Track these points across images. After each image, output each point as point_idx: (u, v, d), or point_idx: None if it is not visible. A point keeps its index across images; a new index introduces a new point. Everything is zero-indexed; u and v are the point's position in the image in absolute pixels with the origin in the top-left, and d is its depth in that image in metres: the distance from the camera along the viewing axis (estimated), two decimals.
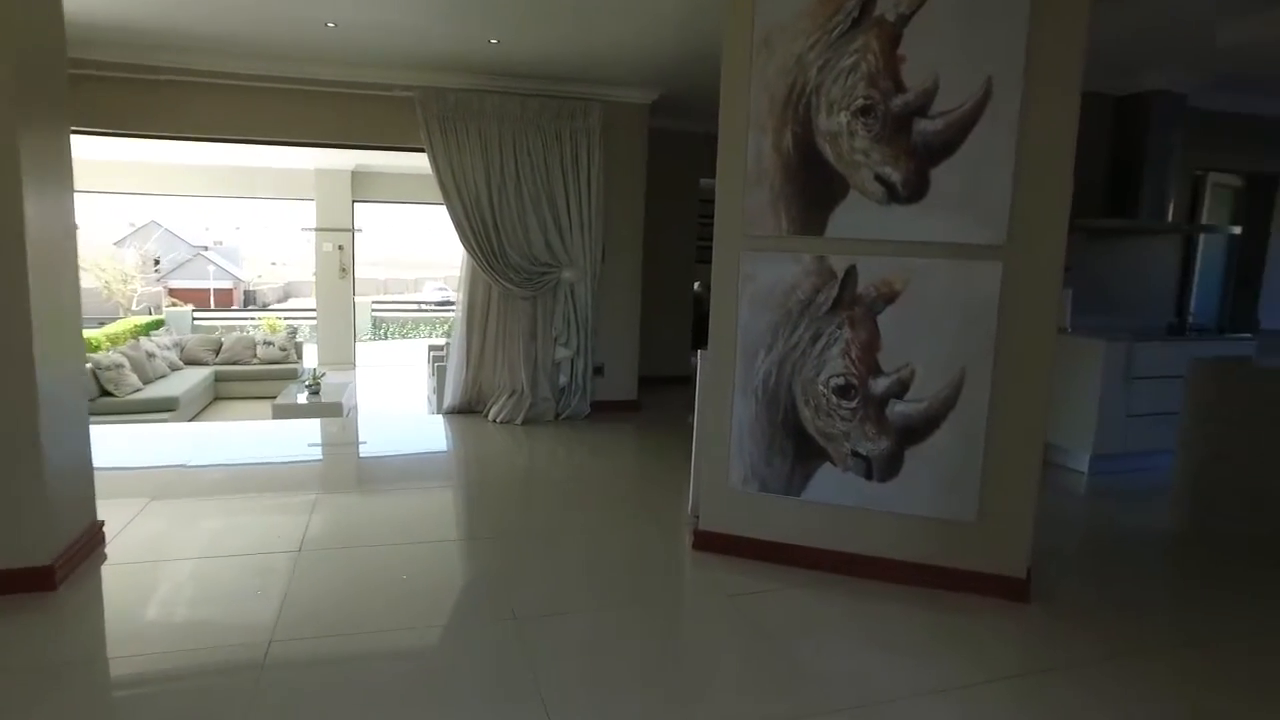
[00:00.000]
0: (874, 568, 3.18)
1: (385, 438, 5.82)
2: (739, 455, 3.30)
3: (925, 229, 2.95)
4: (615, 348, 6.29)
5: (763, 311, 3.17)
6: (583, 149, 5.77)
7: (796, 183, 3.08)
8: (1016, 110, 2.82)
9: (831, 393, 3.11)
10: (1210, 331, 5.48)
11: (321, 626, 2.69)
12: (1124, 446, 4.94)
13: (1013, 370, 2.94)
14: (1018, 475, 2.99)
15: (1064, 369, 4.96)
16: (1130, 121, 5.27)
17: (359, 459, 5.16)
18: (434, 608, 2.87)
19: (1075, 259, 5.33)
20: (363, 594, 2.96)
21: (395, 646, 2.60)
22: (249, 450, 5.25)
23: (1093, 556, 3.65)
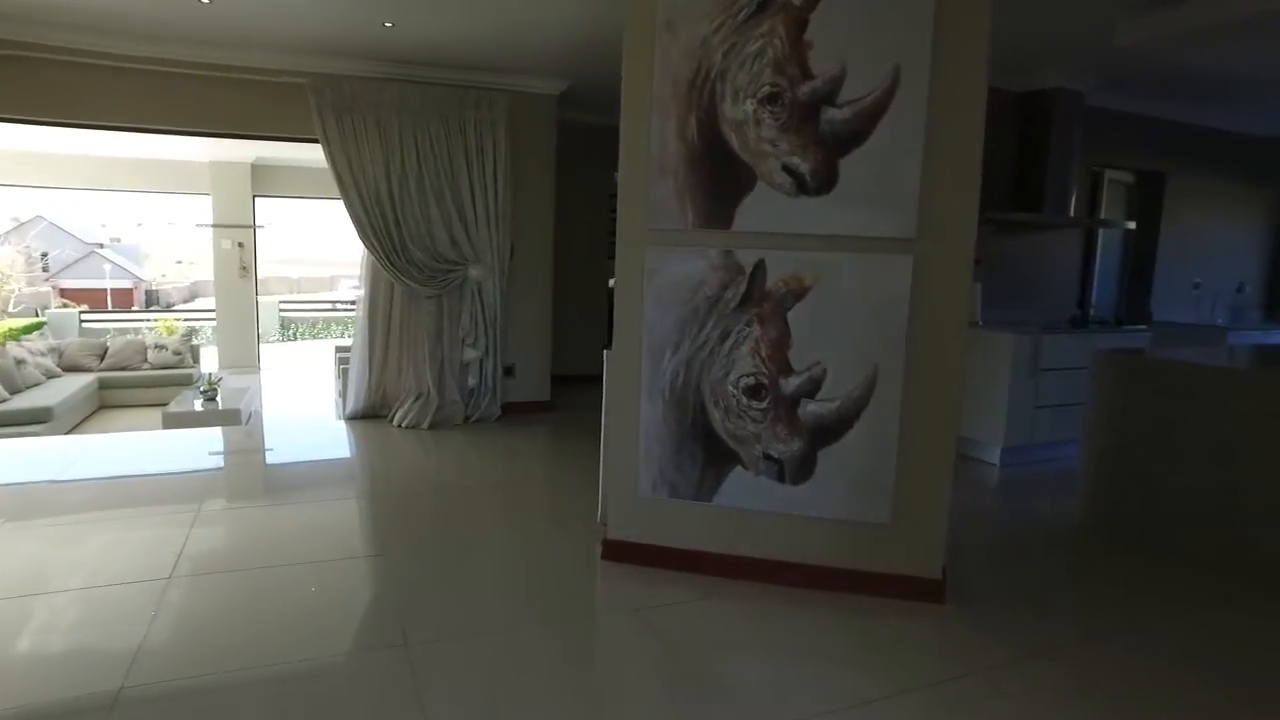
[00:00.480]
0: (789, 573, 3.07)
1: (283, 446, 5.46)
2: (647, 460, 3.15)
3: (835, 222, 2.84)
4: (526, 347, 6.08)
5: (669, 309, 3.02)
6: (488, 141, 5.53)
7: (702, 173, 2.94)
8: (925, 100, 2.74)
9: (741, 393, 2.99)
10: (1109, 323, 5.62)
11: (182, 665, 2.41)
12: (1033, 438, 5.01)
13: (925, 367, 2.87)
14: (931, 474, 2.92)
15: (975, 362, 4.99)
16: (1033, 118, 5.34)
17: (251, 470, 4.81)
18: (315, 637, 2.62)
19: (984, 252, 5.38)
20: (236, 624, 2.68)
21: (263, 685, 2.35)
22: (128, 463, 4.84)
23: (1005, 551, 3.64)
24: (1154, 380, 3.64)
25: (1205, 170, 6.52)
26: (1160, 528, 3.60)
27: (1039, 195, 5.31)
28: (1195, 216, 6.55)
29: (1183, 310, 6.59)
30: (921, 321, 2.84)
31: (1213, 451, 3.40)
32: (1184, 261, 6.56)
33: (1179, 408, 3.53)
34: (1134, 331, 5.42)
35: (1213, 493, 3.41)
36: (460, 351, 5.71)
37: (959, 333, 2.85)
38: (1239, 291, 6.96)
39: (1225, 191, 6.72)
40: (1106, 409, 3.84)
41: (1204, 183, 6.55)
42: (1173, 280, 6.52)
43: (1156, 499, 3.62)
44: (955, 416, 2.91)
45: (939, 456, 2.92)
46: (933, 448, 2.91)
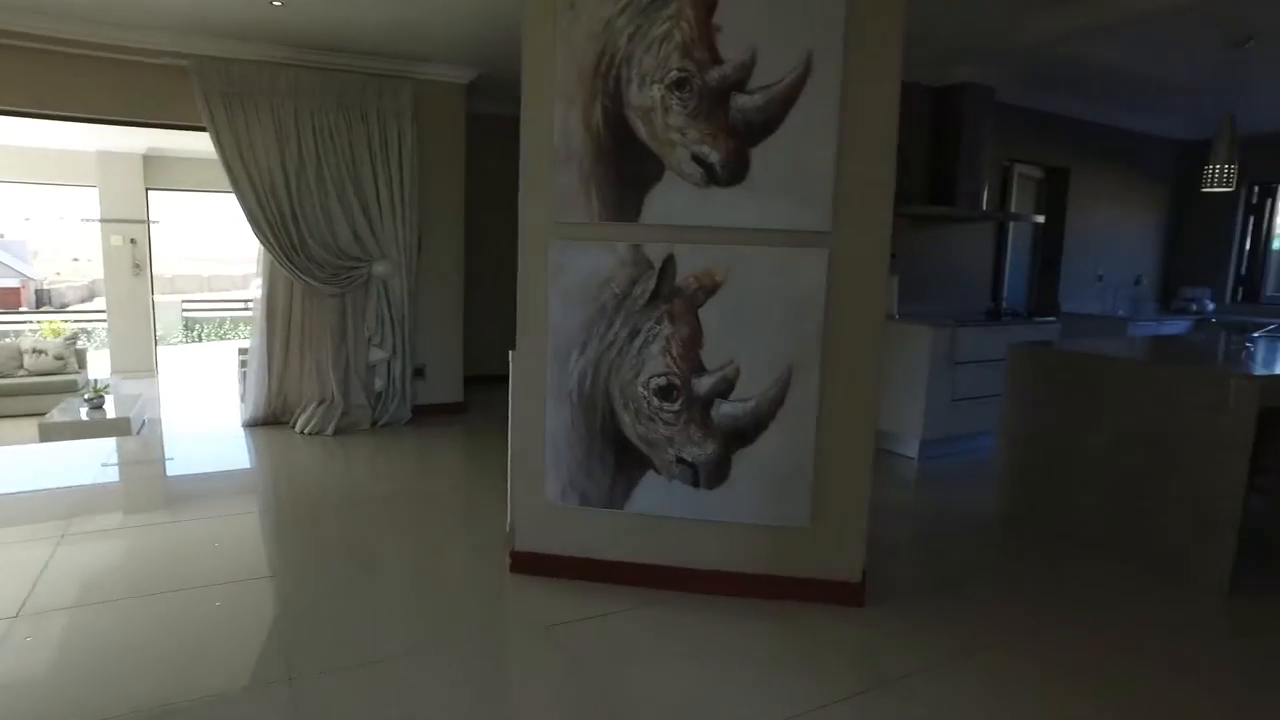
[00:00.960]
0: (706, 581, 2.95)
1: (176, 457, 5.07)
2: (555, 467, 2.97)
3: (747, 214, 2.72)
4: (437, 346, 5.82)
5: (575, 307, 2.85)
6: (393, 131, 5.25)
7: (608, 163, 2.78)
8: (838, 87, 2.64)
9: (652, 394, 2.84)
10: (1021, 316, 5.70)
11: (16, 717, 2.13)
12: (950, 430, 5.03)
13: (842, 364, 2.77)
14: (850, 475, 2.84)
15: (892, 355, 4.98)
16: (947, 113, 5.36)
17: (136, 485, 4.44)
18: (177, 679, 2.35)
19: (900, 246, 5.38)
20: (96, 666, 2.40)
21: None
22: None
23: (925, 547, 3.60)
24: (1064, 372, 3.65)
25: (1107, 167, 6.71)
26: (1074, 518, 3.62)
27: (952, 189, 5.33)
28: (1098, 211, 6.72)
29: (1088, 302, 6.76)
30: (837, 317, 2.75)
31: (1119, 442, 3.43)
32: (1088, 255, 6.74)
33: (1088, 399, 3.54)
34: (1044, 323, 5.50)
35: (1120, 482, 3.43)
36: (366, 353, 5.42)
37: (876, 328, 2.76)
38: (1137, 284, 7.19)
39: (1125, 188, 6.92)
40: (1020, 401, 3.84)
41: (1105, 179, 6.73)
42: (1078, 273, 6.69)
43: (1069, 490, 3.64)
44: (874, 414, 2.83)
45: (858, 456, 2.83)
46: (851, 447, 2.83)
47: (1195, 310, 6.94)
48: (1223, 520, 3.10)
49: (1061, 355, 3.69)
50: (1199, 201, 7.14)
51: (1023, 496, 3.85)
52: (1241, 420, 3.04)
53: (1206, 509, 3.15)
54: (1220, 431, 3.10)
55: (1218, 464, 3.11)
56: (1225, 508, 3.09)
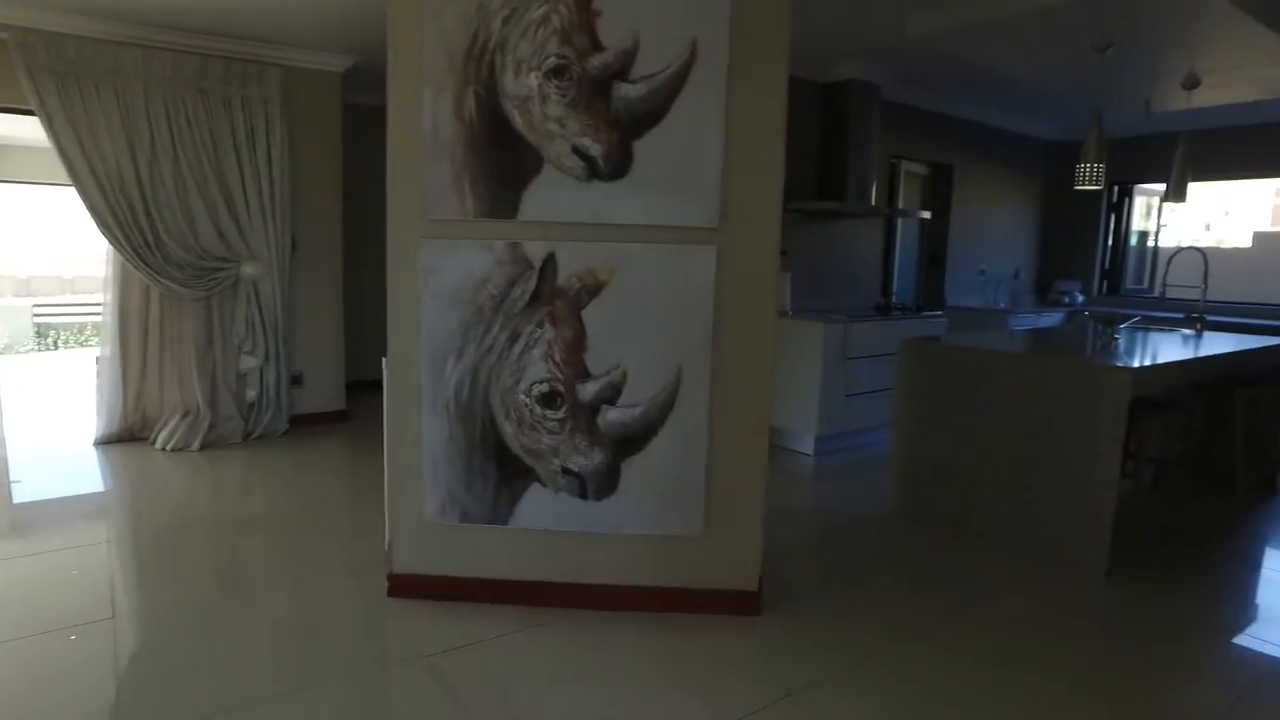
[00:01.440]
0: (598, 597, 2.80)
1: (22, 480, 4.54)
2: (433, 481, 2.77)
3: (631, 210, 2.59)
4: (316, 352, 5.46)
5: (450, 310, 2.65)
6: (259, 121, 4.88)
7: (484, 156, 2.59)
8: (724, 78, 2.53)
9: (535, 402, 2.67)
10: (910, 310, 5.80)
11: None
12: (845, 425, 5.05)
13: (733, 365, 2.68)
14: (744, 480, 2.75)
15: (786, 352, 4.96)
16: (834, 108, 5.39)
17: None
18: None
19: (792, 242, 5.38)
20: None
21: None
22: None
23: (821, 548, 3.57)
24: (952, 367, 3.68)
25: (987, 165, 6.93)
26: (966, 512, 3.66)
27: (842, 185, 5.37)
28: (979, 208, 6.94)
29: (971, 295, 6.98)
30: (728, 317, 2.64)
31: (1006, 434, 3.48)
32: (971, 250, 6.95)
33: (975, 393, 3.58)
34: (932, 317, 5.62)
35: (1008, 475, 3.49)
36: (236, 360, 5.02)
37: (768, 327, 2.68)
38: (1015, 278, 7.47)
39: (1003, 185, 7.18)
40: (911, 396, 3.86)
41: (986, 176, 6.96)
42: (962, 267, 6.89)
43: (960, 483, 3.68)
44: (767, 416, 2.75)
45: (751, 460, 2.75)
46: (745, 451, 2.73)
47: (1068, 302, 7.26)
48: (1101, 509, 3.18)
49: (949, 350, 3.72)
50: (1068, 199, 7.48)
51: (916, 491, 3.87)
52: (1116, 411, 3.12)
53: (1086, 498, 3.22)
54: (1097, 422, 3.17)
55: (1095, 454, 3.18)
56: (1103, 496, 3.17)
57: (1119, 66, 4.56)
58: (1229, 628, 2.89)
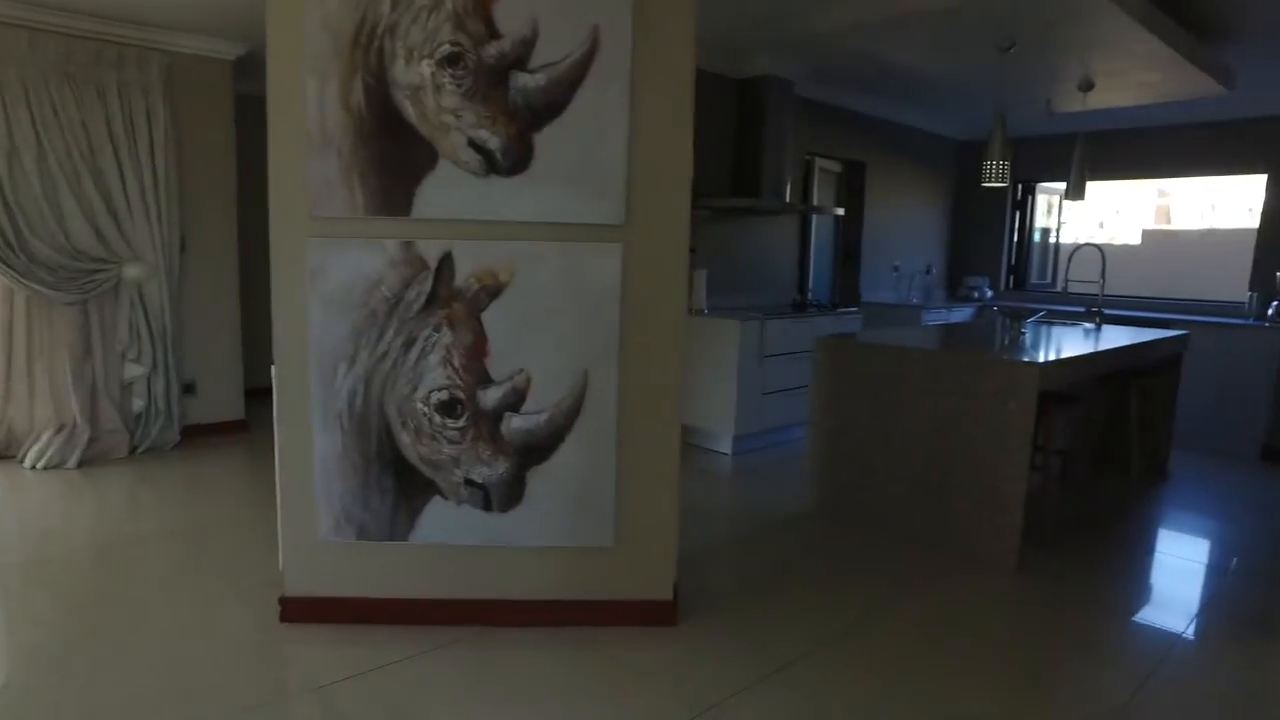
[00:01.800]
0: (507, 613, 2.67)
1: None
2: (327, 497, 2.58)
3: (532, 206, 2.46)
4: (210, 358, 5.13)
5: (340, 315, 2.47)
6: (139, 111, 4.54)
7: (374, 149, 2.42)
8: (628, 68, 2.42)
9: (434, 410, 2.52)
10: (825, 307, 5.83)
11: None
12: (762, 424, 5.03)
13: (642, 367, 2.58)
14: (656, 486, 2.65)
15: (702, 350, 4.91)
16: (748, 104, 5.36)
17: None
18: None
19: (708, 239, 5.33)
20: None
21: None
22: None
23: (739, 551, 3.51)
24: (866, 364, 3.68)
25: (899, 162, 7.04)
26: (882, 508, 3.66)
27: (757, 182, 5.34)
28: (892, 204, 7.05)
29: (886, 291, 7.08)
30: (635, 317, 2.54)
31: (920, 430, 3.49)
32: (885, 246, 7.05)
33: (890, 389, 3.59)
34: (847, 314, 5.65)
35: (923, 471, 3.50)
36: (120, 369, 4.67)
37: (677, 328, 2.59)
38: (927, 273, 7.63)
39: (914, 182, 7.31)
40: (827, 394, 3.84)
41: (898, 174, 7.07)
42: (876, 263, 6.98)
43: (876, 481, 3.67)
44: (678, 420, 2.66)
45: (663, 466, 2.65)
46: (656, 457, 2.64)
47: (977, 297, 7.45)
48: (1011, 503, 3.21)
49: (863, 347, 3.71)
50: (975, 197, 7.67)
51: (834, 489, 3.86)
52: (1024, 405, 3.15)
53: (998, 493, 3.25)
54: (1007, 417, 3.20)
55: (1006, 449, 3.21)
56: (1013, 491, 3.20)
57: (1021, 66, 4.65)
58: (1131, 612, 2.95)
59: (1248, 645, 2.75)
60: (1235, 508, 4.31)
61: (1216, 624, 2.90)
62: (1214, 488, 4.68)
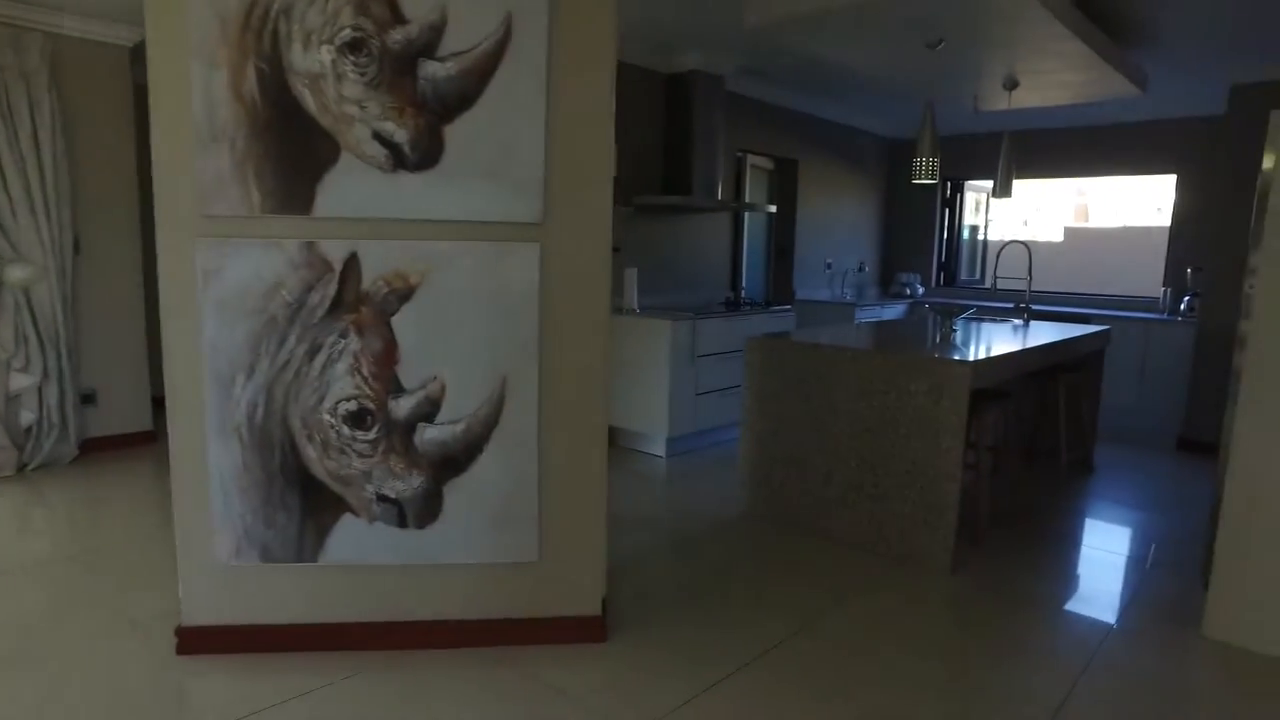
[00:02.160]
0: (426, 635, 2.51)
1: None
2: (226, 518, 2.39)
3: (444, 204, 2.31)
4: (112, 365, 4.81)
5: (236, 321, 2.28)
6: (20, 99, 4.20)
7: (269, 142, 2.24)
8: (544, 57, 2.29)
9: (342, 422, 2.35)
10: (759, 305, 5.79)
11: None
12: (696, 425, 4.95)
13: (564, 372, 2.45)
14: (582, 496, 2.53)
15: (634, 351, 4.81)
16: (679, 100, 5.27)
17: None
18: None
19: (639, 238, 5.23)
20: None
21: None
22: None
23: (672, 558, 3.41)
24: (799, 363, 3.62)
25: (830, 160, 7.06)
26: (818, 511, 3.61)
27: (688, 179, 5.26)
28: (824, 202, 7.06)
29: (819, 289, 7.10)
30: (555, 320, 2.42)
31: (855, 431, 3.44)
32: (818, 244, 7.06)
33: (824, 390, 3.53)
34: (781, 312, 5.62)
35: (856, 473, 3.46)
36: (6, 379, 4.33)
37: (600, 330, 2.47)
38: (860, 270, 7.68)
39: (846, 180, 7.34)
40: (760, 395, 3.78)
41: (829, 171, 7.08)
42: (810, 261, 6.98)
43: (811, 483, 3.62)
44: (604, 426, 2.54)
45: (589, 474, 2.53)
46: (581, 465, 2.52)
47: (909, 294, 7.53)
48: (945, 503, 3.19)
49: (796, 346, 3.66)
50: (906, 195, 7.76)
51: (768, 492, 3.79)
52: (957, 403, 3.13)
53: (931, 493, 3.22)
54: (940, 416, 3.18)
55: (940, 448, 3.18)
56: (947, 490, 3.18)
57: (949, 64, 4.67)
58: (1061, 610, 2.96)
59: (1170, 638, 2.77)
60: (1155, 499, 4.41)
61: (1141, 618, 2.92)
62: (1136, 479, 4.78)
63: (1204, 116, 5.94)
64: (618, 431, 5.09)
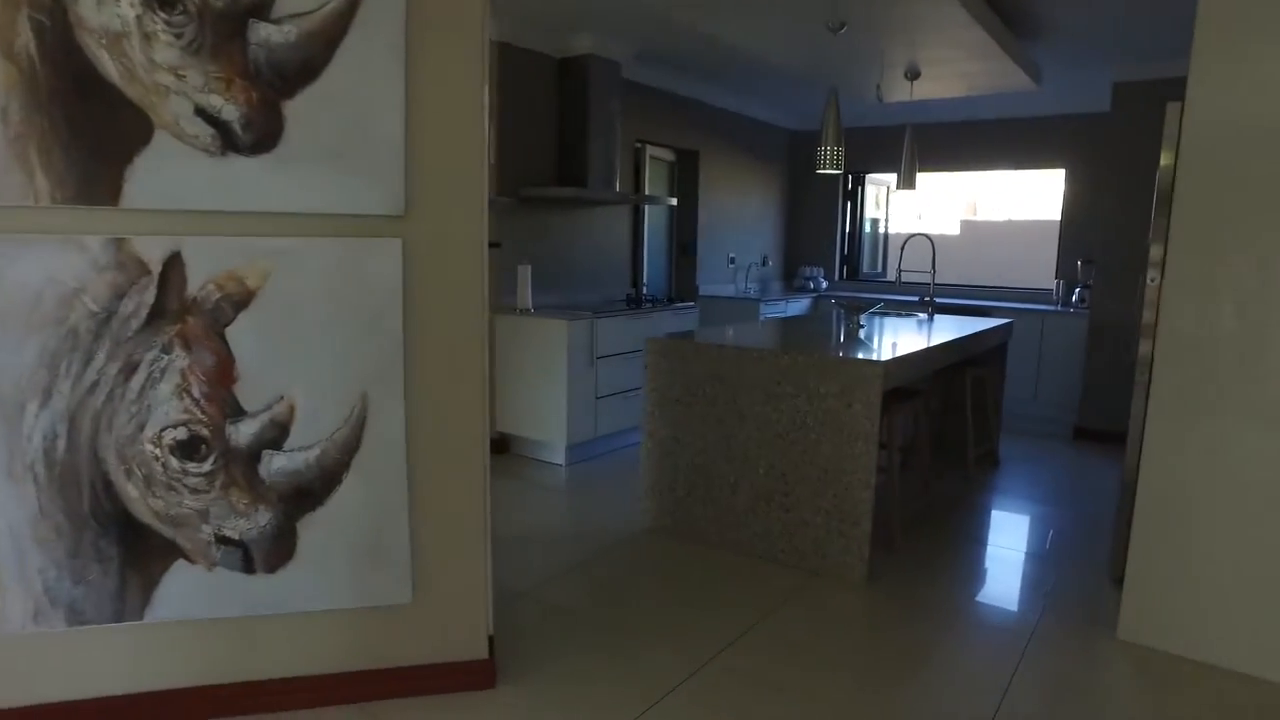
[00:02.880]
0: (281, 696, 2.16)
1: None
2: (20, 576, 1.97)
3: (285, 193, 1.96)
4: None
5: (23, 336, 1.87)
6: None
7: (57, 114, 1.83)
8: (401, 21, 1.97)
9: (170, 453, 1.97)
10: (661, 302, 5.56)
11: None
12: (598, 430, 4.69)
13: (435, 384, 2.14)
14: (461, 526, 2.22)
15: (530, 354, 4.51)
16: (572, 86, 4.98)
17: None
18: None
19: (534, 232, 4.91)
20: None
21: None
22: None
23: (571, 584, 3.13)
24: (702, 365, 3.40)
25: (732, 151, 6.89)
26: (726, 523, 3.40)
27: (584, 170, 4.97)
28: (726, 194, 6.90)
29: (724, 284, 6.93)
30: (424, 325, 2.10)
31: (760, 437, 3.24)
32: (721, 238, 6.89)
33: (729, 393, 3.32)
34: (684, 309, 5.41)
35: (765, 482, 3.26)
36: None
37: (476, 335, 2.17)
38: (764, 264, 7.57)
39: (748, 172, 7.20)
40: (662, 399, 3.54)
41: (731, 163, 6.92)
42: (713, 256, 6.80)
43: (718, 493, 3.40)
44: (483, 444, 2.24)
45: (469, 500, 2.23)
46: (459, 490, 2.21)
47: (812, 288, 7.46)
48: (859, 512, 3.03)
49: (698, 347, 3.43)
50: (809, 187, 7.70)
51: (672, 503, 3.56)
52: (869, 406, 2.97)
53: (844, 502, 3.06)
54: (851, 419, 3.01)
55: (851, 454, 3.02)
56: (861, 499, 3.01)
57: (852, 49, 4.54)
58: (978, 617, 2.83)
59: (1086, 643, 2.68)
60: (1059, 492, 4.41)
61: (1058, 622, 2.83)
62: (1039, 472, 4.79)
63: (1091, 113, 6.05)
64: (514, 440, 4.77)
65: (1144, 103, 5.25)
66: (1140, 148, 5.27)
